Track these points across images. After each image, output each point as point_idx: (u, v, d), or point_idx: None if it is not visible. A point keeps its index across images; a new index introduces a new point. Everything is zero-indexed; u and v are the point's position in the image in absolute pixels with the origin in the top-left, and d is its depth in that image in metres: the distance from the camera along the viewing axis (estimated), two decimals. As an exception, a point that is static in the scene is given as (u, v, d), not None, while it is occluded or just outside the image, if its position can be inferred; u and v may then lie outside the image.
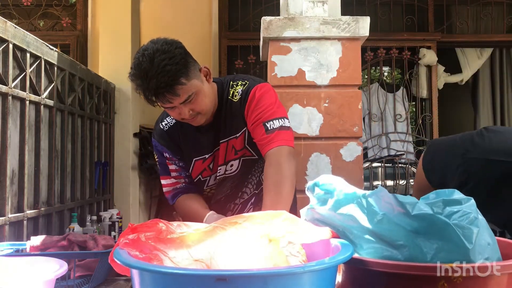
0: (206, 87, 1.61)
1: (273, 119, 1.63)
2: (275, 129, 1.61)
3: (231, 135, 1.69)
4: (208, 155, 1.72)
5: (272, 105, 1.66)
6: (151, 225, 0.98)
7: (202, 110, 1.60)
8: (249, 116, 1.66)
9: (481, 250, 0.90)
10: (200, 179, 1.75)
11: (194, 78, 1.55)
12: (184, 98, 1.53)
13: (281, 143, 1.60)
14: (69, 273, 1.28)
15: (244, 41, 4.45)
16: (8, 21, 2.09)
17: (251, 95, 1.66)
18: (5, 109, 2.07)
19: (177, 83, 1.49)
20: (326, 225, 1.04)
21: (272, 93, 1.71)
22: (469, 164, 1.43)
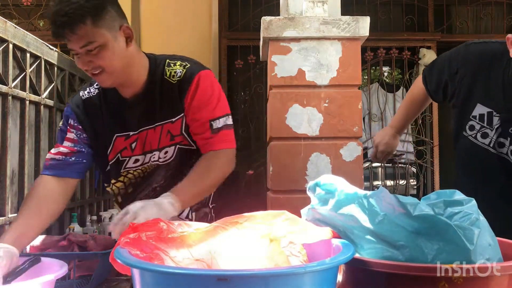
0: (119, 47, 1.47)
1: (218, 117, 1.56)
2: (220, 129, 1.55)
3: (166, 118, 1.56)
4: (132, 132, 1.58)
5: (217, 99, 1.58)
6: (152, 224, 0.98)
7: (106, 67, 1.44)
8: (191, 107, 1.55)
9: (482, 251, 0.90)
10: (119, 158, 1.60)
11: (105, 28, 1.42)
12: (83, 42, 1.39)
13: (224, 146, 1.55)
14: (69, 273, 1.28)
15: (244, 41, 4.44)
16: (8, 21, 2.09)
17: (194, 83, 1.55)
18: (5, 109, 2.07)
19: (80, 21, 1.36)
20: (327, 225, 1.04)
21: (216, 83, 1.61)
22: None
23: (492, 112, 1.52)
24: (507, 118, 1.49)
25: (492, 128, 1.51)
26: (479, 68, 1.58)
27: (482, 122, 1.54)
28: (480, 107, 1.55)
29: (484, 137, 1.54)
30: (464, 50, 1.66)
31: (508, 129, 1.49)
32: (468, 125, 1.58)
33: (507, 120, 1.49)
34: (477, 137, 1.56)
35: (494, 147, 1.53)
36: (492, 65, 1.53)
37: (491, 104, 1.53)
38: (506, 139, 1.49)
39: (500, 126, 1.50)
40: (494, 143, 1.52)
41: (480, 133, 1.55)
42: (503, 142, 1.50)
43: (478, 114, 1.55)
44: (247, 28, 4.49)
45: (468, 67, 1.60)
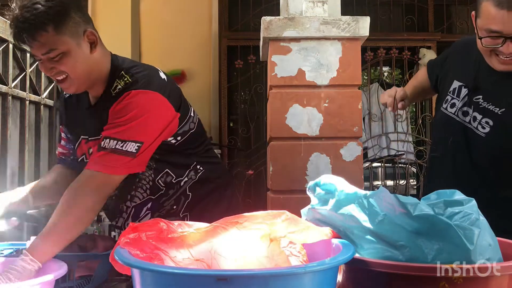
0: (83, 53, 1.42)
1: (113, 138, 1.40)
2: (106, 149, 1.39)
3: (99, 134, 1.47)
4: (90, 138, 1.55)
5: (130, 123, 1.41)
6: (152, 224, 0.98)
7: (70, 72, 1.41)
8: (108, 120, 1.45)
9: (482, 251, 0.90)
10: (83, 160, 1.58)
11: (68, 35, 1.38)
12: (45, 49, 1.36)
13: (99, 168, 1.39)
14: (69, 273, 1.28)
15: (244, 41, 4.44)
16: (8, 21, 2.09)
17: (120, 100, 1.44)
18: (5, 109, 2.07)
19: (41, 28, 1.33)
20: (327, 225, 1.04)
21: (141, 106, 1.44)
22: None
23: (462, 86, 1.66)
24: (472, 88, 1.62)
25: (459, 99, 1.65)
26: (462, 50, 1.75)
27: (453, 95, 1.68)
28: (455, 83, 1.69)
29: (452, 107, 1.67)
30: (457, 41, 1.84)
31: (473, 98, 1.60)
32: (444, 100, 1.71)
33: (472, 90, 1.61)
34: (447, 108, 1.68)
35: (458, 115, 1.64)
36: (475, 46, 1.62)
37: (463, 79, 1.67)
38: (470, 108, 1.60)
39: (466, 96, 1.62)
40: (458, 112, 1.63)
41: (449, 104, 1.68)
42: (467, 110, 1.61)
43: (453, 88, 1.69)
44: (247, 28, 4.49)
45: (454, 51, 1.79)
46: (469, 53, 1.70)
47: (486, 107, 1.56)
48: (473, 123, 1.58)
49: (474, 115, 1.58)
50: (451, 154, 1.67)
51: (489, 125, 1.54)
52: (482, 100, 1.58)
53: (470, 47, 1.69)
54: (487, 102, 1.57)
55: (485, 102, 1.57)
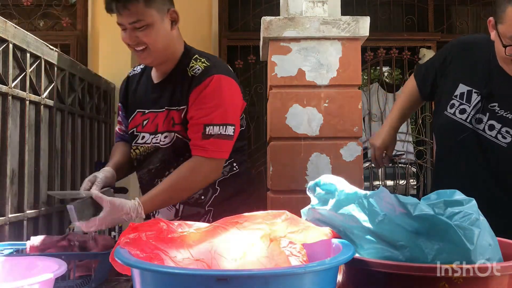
0: (164, 28, 1.60)
1: (215, 123, 1.56)
2: (213, 136, 1.55)
3: (174, 105, 1.63)
4: (147, 110, 1.70)
5: (220, 106, 1.58)
6: (152, 224, 0.98)
7: (150, 44, 1.57)
8: (192, 104, 1.60)
9: (482, 251, 0.90)
10: (134, 132, 1.74)
11: (155, 9, 1.56)
12: (133, 18, 1.53)
13: (211, 155, 1.56)
14: (69, 273, 1.28)
15: (244, 41, 4.44)
16: (8, 21, 2.09)
17: (205, 83, 1.58)
18: (5, 109, 2.07)
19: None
20: (327, 225, 1.04)
21: (227, 91, 1.61)
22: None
23: (471, 90, 1.60)
24: (486, 95, 1.56)
25: (470, 105, 1.59)
26: (463, 52, 1.70)
27: (461, 100, 1.62)
28: (462, 87, 1.64)
29: (462, 113, 1.61)
30: (452, 41, 1.80)
31: (488, 106, 1.55)
32: (449, 104, 1.65)
33: (487, 97, 1.56)
34: (455, 113, 1.63)
35: (471, 122, 1.59)
36: (477, 49, 1.64)
37: (472, 83, 1.62)
38: (484, 115, 1.55)
39: (479, 102, 1.57)
40: (471, 118, 1.58)
41: (458, 110, 1.62)
42: (481, 118, 1.56)
43: (459, 93, 1.63)
44: (247, 28, 4.49)
45: (454, 52, 1.73)
46: (472, 55, 1.66)
47: (504, 116, 1.52)
48: (490, 132, 1.54)
49: (490, 123, 1.54)
50: (464, 161, 1.62)
51: (510, 134, 1.49)
52: (499, 108, 1.54)
53: (471, 49, 1.66)
54: (505, 110, 1.52)
55: (502, 111, 1.53)
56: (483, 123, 1.56)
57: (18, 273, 1.12)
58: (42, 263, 1.12)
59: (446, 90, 1.70)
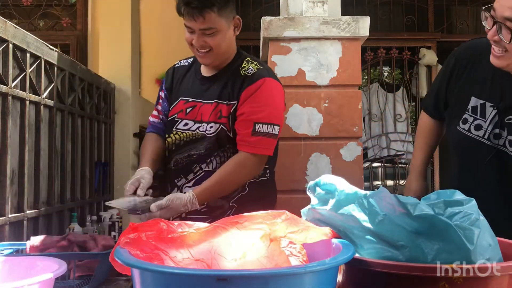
0: (229, 34, 1.75)
1: (264, 122, 1.70)
2: (261, 134, 1.69)
3: (224, 99, 1.75)
4: (192, 99, 1.81)
5: (270, 106, 1.72)
6: (152, 224, 0.98)
7: (215, 47, 1.70)
8: (244, 102, 1.72)
9: (482, 251, 0.89)
10: (175, 118, 1.83)
11: (224, 18, 1.69)
12: (206, 25, 1.66)
13: (259, 151, 1.70)
14: (69, 273, 1.28)
15: (244, 41, 4.44)
16: (8, 21, 2.09)
17: (257, 83, 1.72)
18: (5, 109, 2.07)
19: (210, 8, 1.64)
20: (327, 225, 1.04)
21: (278, 95, 1.77)
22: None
23: (485, 104, 1.48)
24: (503, 108, 1.44)
25: (485, 120, 1.48)
26: (469, 62, 1.56)
27: (475, 114, 1.50)
28: (473, 100, 1.52)
29: (478, 129, 1.49)
30: (453, 52, 1.66)
31: (505, 119, 1.44)
32: (462, 119, 1.53)
33: (503, 111, 1.44)
34: (470, 129, 1.51)
35: (489, 138, 1.47)
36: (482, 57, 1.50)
37: (483, 95, 1.50)
38: (503, 130, 1.44)
39: (496, 116, 1.46)
40: (489, 135, 1.47)
41: (473, 126, 1.50)
42: (499, 133, 1.45)
43: (471, 107, 1.51)
44: (247, 28, 4.49)
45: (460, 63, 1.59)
46: (479, 63, 1.54)
47: None
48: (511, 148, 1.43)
49: (510, 138, 1.43)
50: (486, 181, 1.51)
51: None
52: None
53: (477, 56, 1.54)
54: None
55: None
56: (503, 138, 1.44)
57: (18, 273, 1.12)
58: (42, 263, 1.12)
59: (457, 104, 1.58)
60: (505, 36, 1.30)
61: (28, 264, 1.14)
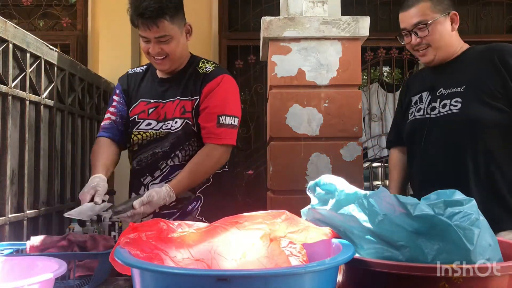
0: (182, 40, 1.87)
1: (227, 114, 1.84)
2: (225, 125, 1.83)
3: (186, 96, 1.88)
4: (153, 100, 1.92)
5: (230, 100, 1.87)
6: (152, 224, 0.98)
7: (171, 53, 1.82)
8: (206, 97, 1.85)
9: (482, 251, 0.90)
10: (135, 119, 1.93)
11: (177, 25, 1.81)
12: (160, 33, 1.77)
13: (225, 142, 1.83)
14: (69, 273, 1.28)
15: (244, 41, 4.44)
16: (8, 21, 2.09)
17: (217, 79, 1.86)
18: (5, 109, 2.07)
19: (162, 17, 1.74)
20: (327, 225, 1.04)
21: (235, 89, 1.92)
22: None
23: (421, 95, 1.87)
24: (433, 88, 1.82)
25: (423, 103, 1.84)
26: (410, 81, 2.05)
27: (415, 105, 1.88)
28: (414, 98, 1.91)
29: (419, 111, 1.85)
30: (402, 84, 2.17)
31: (436, 93, 1.79)
32: (409, 113, 1.89)
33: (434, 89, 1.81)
34: (414, 114, 1.86)
35: (427, 113, 1.80)
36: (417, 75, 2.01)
37: (418, 91, 1.89)
38: (436, 102, 1.78)
39: (430, 96, 1.82)
40: (426, 110, 1.81)
41: (415, 111, 1.86)
42: (434, 106, 1.78)
43: (414, 102, 1.90)
44: (247, 28, 4.49)
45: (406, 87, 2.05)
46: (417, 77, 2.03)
47: (450, 92, 1.75)
48: (444, 109, 1.75)
49: (443, 103, 1.76)
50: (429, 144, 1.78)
51: (459, 101, 1.71)
52: (444, 90, 1.78)
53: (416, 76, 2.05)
54: (449, 88, 1.76)
55: (447, 90, 1.76)
56: (437, 108, 1.77)
57: (18, 273, 1.12)
58: (42, 263, 1.12)
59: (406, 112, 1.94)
60: (422, 34, 1.77)
61: (28, 264, 1.14)
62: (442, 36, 1.77)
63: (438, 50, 1.78)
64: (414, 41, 1.80)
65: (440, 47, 1.78)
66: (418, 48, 1.81)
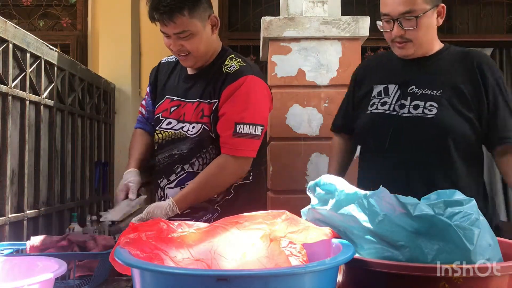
0: (206, 34, 1.68)
1: (245, 122, 1.64)
2: (243, 135, 1.64)
3: (206, 98, 1.71)
4: (176, 98, 1.78)
5: (252, 105, 1.66)
6: (152, 224, 0.98)
7: (193, 51, 1.67)
8: (225, 101, 1.67)
9: (482, 251, 0.90)
10: (159, 117, 1.81)
11: (197, 19, 1.64)
12: (179, 29, 1.62)
13: (240, 154, 1.65)
14: (69, 273, 1.28)
15: (244, 41, 4.43)
16: (8, 21, 2.09)
17: (239, 81, 1.67)
18: (5, 109, 2.07)
19: (178, 11, 1.59)
20: (327, 225, 1.04)
21: (260, 92, 1.70)
22: None
23: (387, 86, 1.70)
24: (403, 83, 1.67)
25: (389, 96, 1.68)
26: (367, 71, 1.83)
27: (380, 96, 1.71)
28: (377, 87, 1.73)
29: (384, 105, 1.68)
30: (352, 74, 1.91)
31: (407, 90, 1.65)
32: (370, 104, 1.72)
33: (404, 85, 1.66)
34: (378, 107, 1.69)
35: (394, 109, 1.65)
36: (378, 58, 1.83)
37: (385, 81, 1.72)
38: (406, 100, 1.64)
39: (398, 90, 1.67)
40: (394, 106, 1.66)
41: (380, 104, 1.69)
42: (403, 103, 1.64)
43: (376, 93, 1.72)
44: (247, 28, 4.49)
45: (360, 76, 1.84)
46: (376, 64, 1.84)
47: (424, 93, 1.63)
48: (416, 110, 1.62)
49: (414, 103, 1.63)
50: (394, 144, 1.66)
51: (435, 106, 1.60)
52: (417, 89, 1.65)
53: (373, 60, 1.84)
54: (423, 89, 1.64)
55: (421, 90, 1.64)
56: (407, 107, 1.64)
57: (18, 273, 1.12)
58: (42, 263, 1.12)
59: (364, 99, 1.76)
60: (408, 26, 1.59)
61: (28, 264, 1.14)
62: (428, 31, 1.63)
63: (420, 45, 1.64)
64: (396, 31, 1.62)
65: (422, 43, 1.64)
66: (398, 39, 1.64)
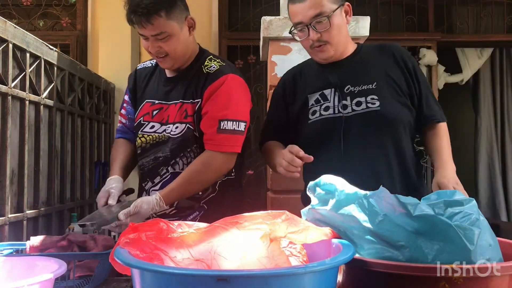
0: (184, 36, 1.72)
1: (229, 119, 1.68)
2: (227, 131, 1.67)
3: (188, 99, 1.74)
4: (158, 101, 1.81)
5: (234, 103, 1.70)
6: (152, 224, 0.98)
7: (171, 52, 1.69)
8: (207, 100, 1.71)
9: (483, 251, 0.90)
10: (140, 121, 1.83)
11: (174, 20, 1.67)
12: (156, 31, 1.65)
13: (225, 149, 1.68)
14: (69, 273, 1.28)
15: (244, 41, 4.44)
16: (8, 21, 2.09)
17: (220, 80, 1.71)
18: (5, 109, 2.07)
19: (155, 13, 1.62)
20: (327, 225, 1.04)
21: (241, 90, 1.75)
22: None
23: (323, 92, 1.72)
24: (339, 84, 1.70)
25: (329, 100, 1.70)
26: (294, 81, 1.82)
27: (319, 103, 1.71)
28: (312, 96, 1.73)
29: (326, 109, 1.70)
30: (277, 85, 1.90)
31: (344, 90, 1.68)
32: (310, 113, 1.72)
33: (340, 86, 1.69)
34: (321, 114, 1.70)
35: (339, 111, 1.67)
36: (302, 71, 1.83)
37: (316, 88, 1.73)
38: (346, 100, 1.67)
39: (336, 92, 1.69)
40: (337, 109, 1.68)
41: (322, 110, 1.70)
42: (345, 104, 1.67)
43: (314, 101, 1.72)
44: (247, 28, 4.49)
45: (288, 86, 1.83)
46: (300, 74, 1.83)
47: (361, 89, 1.67)
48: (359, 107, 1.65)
49: (356, 101, 1.66)
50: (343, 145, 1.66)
51: (376, 99, 1.64)
52: (353, 87, 1.68)
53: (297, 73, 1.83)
54: (359, 85, 1.68)
55: (358, 87, 1.68)
56: (349, 106, 1.66)
57: (18, 273, 1.12)
58: (42, 263, 1.12)
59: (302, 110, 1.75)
60: (321, 28, 1.63)
61: (28, 264, 1.14)
62: (341, 30, 1.68)
63: (338, 45, 1.68)
64: (313, 36, 1.64)
65: (339, 42, 1.69)
66: (317, 44, 1.66)
